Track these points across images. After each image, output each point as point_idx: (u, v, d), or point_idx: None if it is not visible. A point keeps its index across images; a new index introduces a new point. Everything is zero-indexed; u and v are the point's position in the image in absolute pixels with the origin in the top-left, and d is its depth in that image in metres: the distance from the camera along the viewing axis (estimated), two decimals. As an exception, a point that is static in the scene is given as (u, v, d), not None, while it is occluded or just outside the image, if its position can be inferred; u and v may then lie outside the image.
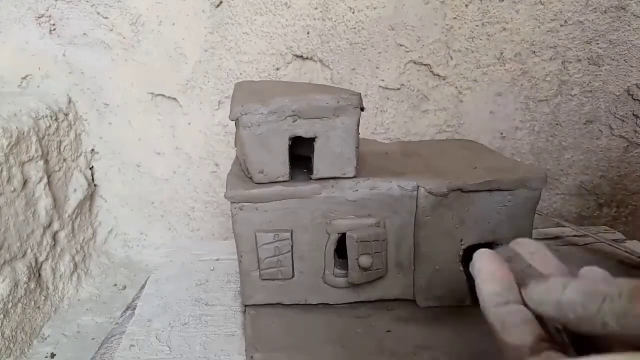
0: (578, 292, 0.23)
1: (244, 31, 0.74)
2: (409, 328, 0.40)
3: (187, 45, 0.75)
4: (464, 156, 0.47)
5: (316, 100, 0.38)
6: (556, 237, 0.57)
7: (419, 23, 0.73)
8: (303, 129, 0.38)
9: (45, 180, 0.70)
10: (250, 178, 0.40)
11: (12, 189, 0.63)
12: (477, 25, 0.73)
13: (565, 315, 0.23)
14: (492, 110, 0.78)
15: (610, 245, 0.51)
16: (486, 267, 0.27)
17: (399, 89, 0.76)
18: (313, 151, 0.39)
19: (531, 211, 0.42)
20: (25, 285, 0.66)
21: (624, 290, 0.21)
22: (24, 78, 0.77)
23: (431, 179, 0.40)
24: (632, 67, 0.75)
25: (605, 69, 0.76)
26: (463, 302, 0.42)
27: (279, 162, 0.39)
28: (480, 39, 0.74)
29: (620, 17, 0.73)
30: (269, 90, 0.42)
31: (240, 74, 0.76)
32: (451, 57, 0.75)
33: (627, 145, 0.80)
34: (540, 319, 0.25)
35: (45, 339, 0.68)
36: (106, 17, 0.74)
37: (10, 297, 0.63)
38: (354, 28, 0.73)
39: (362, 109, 0.39)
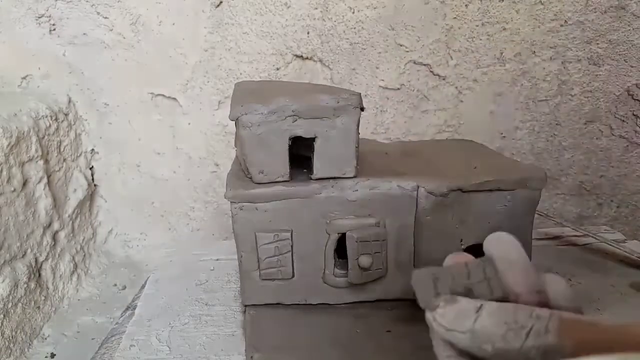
0: (495, 320, 0.21)
1: (244, 31, 0.74)
2: (409, 328, 0.40)
3: (187, 45, 0.75)
4: (464, 156, 0.47)
5: (316, 100, 0.38)
6: (556, 237, 0.57)
7: (419, 23, 0.73)
8: (303, 129, 0.38)
9: (45, 180, 0.70)
10: (250, 178, 0.40)
11: (12, 189, 0.63)
12: (477, 25, 0.73)
13: (480, 346, 0.21)
14: (492, 110, 0.78)
15: (610, 245, 0.51)
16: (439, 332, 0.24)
17: (399, 89, 0.76)
18: (313, 151, 0.39)
19: (531, 211, 0.42)
20: (25, 285, 0.66)
21: (550, 325, 0.20)
22: (24, 78, 0.77)
23: (431, 179, 0.40)
24: (632, 67, 0.75)
25: (605, 69, 0.76)
26: (463, 302, 0.42)
27: (279, 162, 0.39)
28: (480, 39, 0.74)
29: (620, 17, 0.73)
30: (269, 90, 0.42)
31: (240, 74, 0.76)
32: (451, 57, 0.75)
33: (627, 145, 0.80)
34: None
35: (45, 339, 0.68)
36: (106, 17, 0.74)
37: (10, 297, 0.63)
38: (354, 28, 0.73)
39: (362, 109, 0.39)
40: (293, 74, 0.76)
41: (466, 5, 0.72)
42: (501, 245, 0.25)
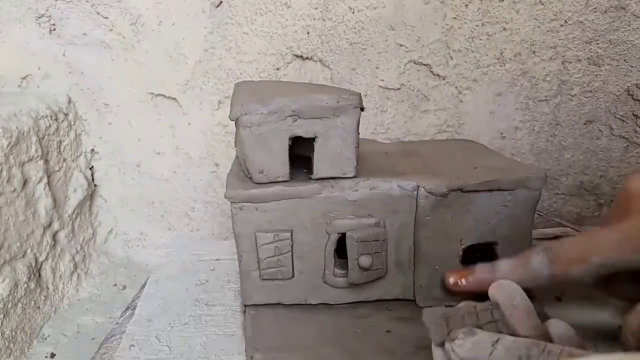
0: (509, 354, 0.23)
1: (244, 31, 0.74)
2: (409, 328, 0.40)
3: (187, 45, 0.75)
4: (464, 156, 0.47)
5: (316, 100, 0.38)
6: (556, 237, 0.57)
7: (419, 23, 0.73)
8: (303, 129, 0.38)
9: (45, 180, 0.70)
10: (250, 178, 0.40)
11: (12, 189, 0.63)
12: (477, 25, 0.73)
13: None
14: (492, 110, 0.78)
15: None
16: None
17: (399, 89, 0.76)
18: (313, 151, 0.39)
19: (531, 211, 0.42)
20: (25, 285, 0.66)
21: None
22: (24, 78, 0.77)
23: (431, 179, 0.40)
24: (632, 67, 0.75)
25: (605, 69, 0.76)
26: (463, 302, 0.42)
27: (279, 162, 0.39)
28: (480, 39, 0.74)
29: (620, 17, 0.73)
30: (269, 90, 0.42)
31: (240, 74, 0.76)
32: (451, 57, 0.75)
33: (627, 145, 0.80)
34: None
35: (45, 339, 0.68)
36: (106, 17, 0.74)
37: (10, 297, 0.63)
38: (354, 28, 0.73)
39: (362, 109, 0.39)
40: (293, 74, 0.76)
41: (466, 5, 0.72)
42: (504, 291, 0.28)
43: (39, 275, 0.70)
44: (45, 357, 0.65)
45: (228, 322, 0.43)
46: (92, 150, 0.81)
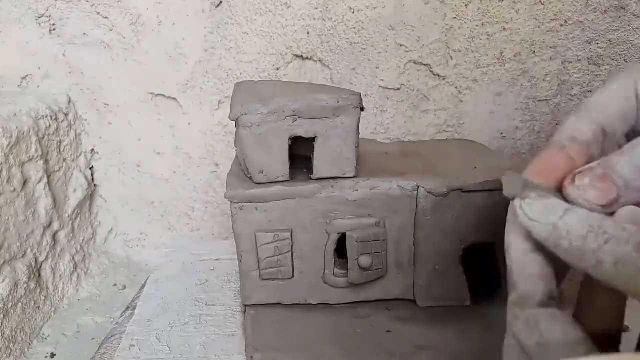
0: (580, 221, 0.21)
1: (244, 31, 0.74)
2: (409, 328, 0.40)
3: (187, 45, 0.75)
4: (464, 156, 0.47)
5: (316, 100, 0.38)
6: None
7: (419, 23, 0.73)
8: (303, 129, 0.38)
9: (45, 180, 0.70)
10: (250, 178, 0.40)
11: (12, 189, 0.63)
12: (477, 25, 0.73)
13: (557, 241, 0.22)
14: (492, 110, 0.78)
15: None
16: (515, 245, 0.25)
17: (399, 89, 0.76)
18: (313, 151, 0.39)
19: (531, 211, 0.42)
20: (25, 285, 0.66)
21: (634, 239, 0.19)
22: (24, 78, 0.77)
23: (431, 179, 0.40)
24: (632, 67, 0.75)
25: (605, 69, 0.76)
26: (463, 302, 0.42)
27: (279, 162, 0.39)
28: (480, 39, 0.74)
29: (620, 17, 0.73)
30: (269, 90, 0.42)
31: (240, 74, 0.76)
32: (451, 57, 0.75)
33: (627, 145, 0.80)
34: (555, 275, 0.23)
35: (45, 339, 0.68)
36: (106, 17, 0.74)
37: (10, 297, 0.63)
38: (354, 28, 0.73)
39: (362, 109, 0.39)
40: (293, 74, 0.76)
41: (466, 5, 0.72)
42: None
43: (39, 275, 0.70)
44: (45, 357, 0.65)
45: (228, 322, 0.43)
46: (92, 150, 0.81)
